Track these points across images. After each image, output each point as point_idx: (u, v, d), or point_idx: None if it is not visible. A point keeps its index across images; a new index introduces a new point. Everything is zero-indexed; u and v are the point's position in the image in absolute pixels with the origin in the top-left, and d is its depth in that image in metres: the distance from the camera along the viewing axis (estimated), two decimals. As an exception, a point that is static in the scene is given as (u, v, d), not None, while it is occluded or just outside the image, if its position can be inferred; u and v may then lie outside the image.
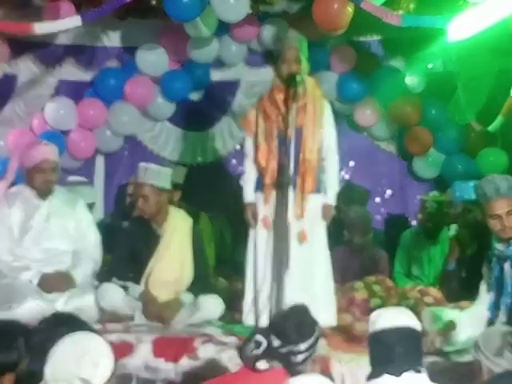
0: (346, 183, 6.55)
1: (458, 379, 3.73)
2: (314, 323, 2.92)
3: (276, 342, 2.81)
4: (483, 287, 4.10)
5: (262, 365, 2.78)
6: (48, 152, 4.75)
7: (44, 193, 4.77)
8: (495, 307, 3.99)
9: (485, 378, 3.04)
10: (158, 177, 4.69)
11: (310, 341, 2.85)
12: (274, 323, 2.93)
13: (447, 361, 4.01)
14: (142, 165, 4.78)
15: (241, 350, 2.88)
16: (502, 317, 3.92)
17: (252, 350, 2.80)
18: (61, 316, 3.11)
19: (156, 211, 4.70)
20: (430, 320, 4.29)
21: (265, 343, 2.81)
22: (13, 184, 4.93)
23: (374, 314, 2.82)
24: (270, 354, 2.80)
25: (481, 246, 4.64)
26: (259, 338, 2.83)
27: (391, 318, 2.75)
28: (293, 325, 2.85)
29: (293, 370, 2.81)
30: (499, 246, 3.98)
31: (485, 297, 4.07)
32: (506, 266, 3.94)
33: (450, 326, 4.07)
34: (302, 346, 2.82)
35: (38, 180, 4.71)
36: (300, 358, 2.82)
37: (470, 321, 4.09)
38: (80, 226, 4.88)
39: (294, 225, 4.30)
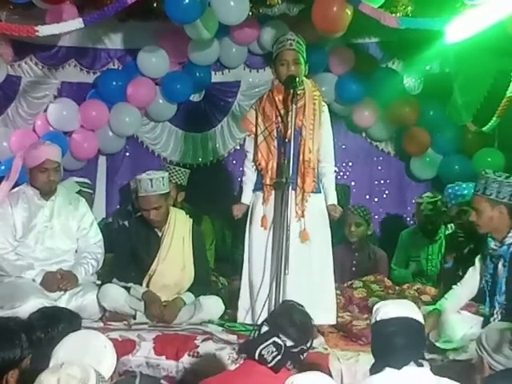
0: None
1: (455, 377, 3.77)
2: (312, 320, 2.99)
3: (289, 343, 2.85)
4: (469, 273, 4.20)
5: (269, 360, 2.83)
6: (51, 152, 4.76)
7: (47, 193, 4.79)
8: (490, 305, 4.03)
9: (486, 374, 3.07)
10: (163, 184, 4.68)
11: (312, 337, 2.95)
12: (280, 324, 2.92)
13: (445, 358, 4.02)
14: (144, 177, 4.66)
15: (253, 349, 2.87)
16: (497, 315, 3.96)
17: (273, 353, 2.82)
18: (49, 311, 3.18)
19: (166, 215, 4.75)
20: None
21: (283, 345, 2.84)
22: (16, 184, 4.94)
23: (376, 305, 2.85)
24: (285, 354, 2.84)
25: (478, 244, 4.67)
26: (277, 340, 2.85)
27: (393, 309, 2.78)
28: (299, 324, 2.89)
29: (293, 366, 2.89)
30: (492, 245, 4.04)
31: (468, 281, 4.17)
32: (500, 264, 3.99)
33: (435, 313, 4.10)
34: (309, 344, 2.91)
35: (41, 180, 4.73)
36: (305, 355, 2.91)
37: (454, 306, 4.17)
38: (82, 225, 4.91)
39: (295, 225, 4.30)
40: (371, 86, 6.57)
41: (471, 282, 4.20)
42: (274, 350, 2.82)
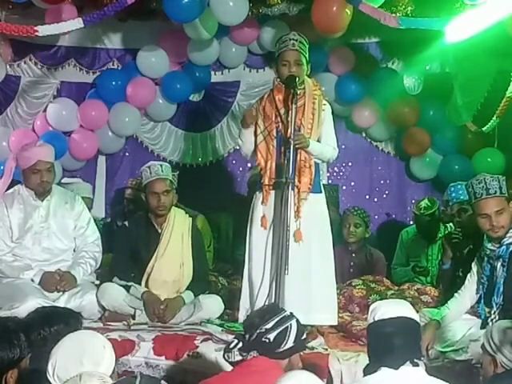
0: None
1: (455, 377, 3.76)
2: (276, 305, 3.06)
3: (247, 336, 2.88)
4: (468, 281, 4.17)
5: (232, 357, 2.88)
6: (43, 153, 4.74)
7: (41, 193, 4.78)
8: (487, 306, 4.02)
9: (498, 371, 2.98)
10: (170, 172, 4.82)
11: (276, 318, 2.89)
12: (244, 322, 3.03)
13: (445, 359, 4.03)
14: (153, 163, 4.84)
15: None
16: (495, 315, 3.95)
17: (228, 353, 2.91)
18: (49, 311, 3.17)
19: (170, 208, 4.76)
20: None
21: (235, 341, 2.90)
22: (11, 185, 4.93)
23: (373, 305, 2.84)
24: (245, 348, 2.87)
25: (477, 245, 4.66)
26: (232, 340, 2.94)
27: (390, 308, 2.76)
28: (255, 313, 2.96)
29: (273, 354, 2.86)
30: (490, 246, 4.01)
31: (468, 288, 4.15)
32: (498, 265, 3.97)
33: (433, 325, 4.08)
34: (268, 325, 2.87)
35: (34, 181, 4.71)
36: (271, 336, 2.86)
37: (456, 314, 4.15)
38: (79, 224, 4.90)
39: (293, 225, 4.27)
40: (371, 86, 6.57)
41: (471, 288, 4.17)
42: (228, 349, 2.92)
